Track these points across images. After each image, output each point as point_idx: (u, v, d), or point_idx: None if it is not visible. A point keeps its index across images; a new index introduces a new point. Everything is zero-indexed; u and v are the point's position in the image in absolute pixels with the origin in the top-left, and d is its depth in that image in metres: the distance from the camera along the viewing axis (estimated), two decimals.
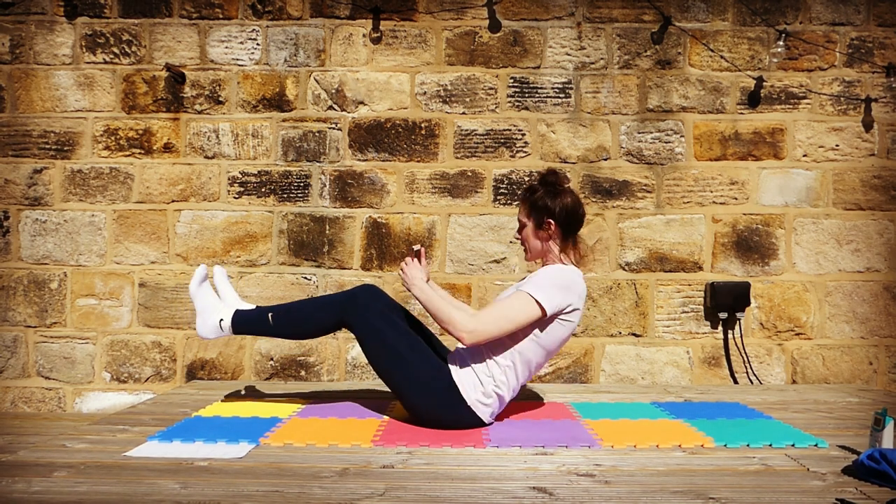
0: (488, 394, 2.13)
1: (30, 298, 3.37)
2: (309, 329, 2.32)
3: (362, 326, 2.20)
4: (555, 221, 2.18)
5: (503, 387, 2.14)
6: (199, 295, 2.32)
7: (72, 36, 3.41)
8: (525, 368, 2.16)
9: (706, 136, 3.37)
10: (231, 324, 2.28)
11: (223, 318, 2.29)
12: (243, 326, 2.30)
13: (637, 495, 1.56)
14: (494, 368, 2.13)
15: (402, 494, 1.56)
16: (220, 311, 2.30)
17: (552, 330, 2.13)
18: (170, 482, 1.62)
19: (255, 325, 2.30)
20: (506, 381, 2.14)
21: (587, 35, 3.38)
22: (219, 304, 2.32)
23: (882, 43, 3.38)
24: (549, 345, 2.16)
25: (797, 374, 3.35)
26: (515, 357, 2.13)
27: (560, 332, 2.15)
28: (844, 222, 3.37)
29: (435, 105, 3.38)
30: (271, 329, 2.29)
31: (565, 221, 2.19)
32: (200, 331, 2.31)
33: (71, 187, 3.39)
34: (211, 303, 2.31)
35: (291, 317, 2.29)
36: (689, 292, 3.35)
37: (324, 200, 3.37)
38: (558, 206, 2.17)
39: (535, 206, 2.21)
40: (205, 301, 2.31)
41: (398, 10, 3.38)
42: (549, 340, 2.15)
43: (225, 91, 3.39)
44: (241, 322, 2.29)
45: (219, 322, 2.29)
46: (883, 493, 1.56)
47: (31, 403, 3.37)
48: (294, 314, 2.30)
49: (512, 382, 2.16)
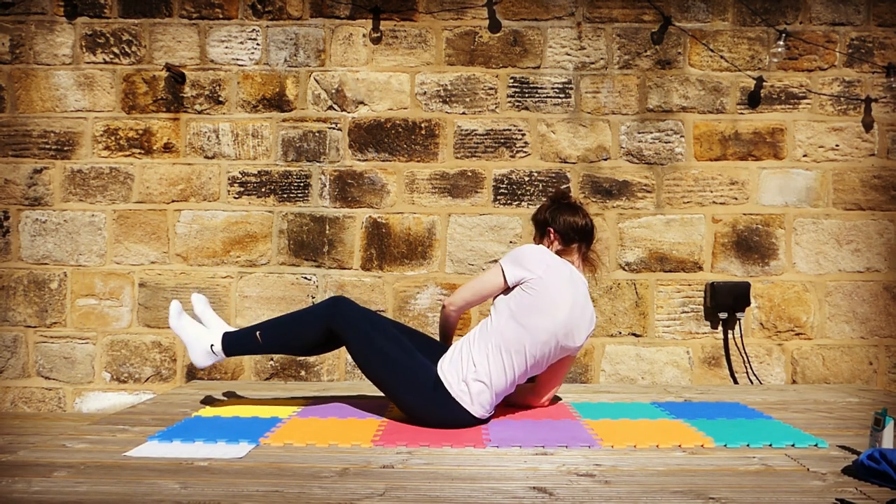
0: (469, 382, 2.13)
1: (30, 298, 3.37)
2: (298, 342, 2.33)
3: (349, 330, 2.21)
4: (553, 229, 2.34)
5: (484, 374, 2.13)
6: (181, 328, 2.34)
7: (72, 36, 3.41)
8: (510, 355, 2.14)
9: (706, 136, 3.38)
10: (222, 347, 2.30)
11: (213, 342, 2.30)
12: (234, 347, 2.31)
13: (637, 495, 1.56)
14: (475, 354, 2.15)
15: (402, 494, 1.56)
16: (208, 337, 2.32)
17: (522, 301, 2.17)
18: (170, 482, 1.62)
19: (245, 343, 2.31)
20: (488, 368, 2.13)
21: (587, 35, 3.38)
22: (205, 331, 2.34)
23: (882, 43, 3.38)
24: (524, 321, 2.15)
25: (797, 374, 3.35)
26: (493, 340, 2.15)
27: (529, 302, 2.16)
28: (844, 222, 3.37)
29: (435, 105, 3.38)
30: (261, 346, 2.31)
31: (564, 229, 2.33)
32: (195, 360, 2.33)
33: (71, 187, 3.39)
34: (196, 332, 2.33)
35: (279, 331, 2.31)
36: (689, 292, 3.35)
37: (324, 200, 3.37)
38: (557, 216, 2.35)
39: (538, 220, 2.42)
40: (189, 332, 2.33)
41: (398, 10, 3.38)
42: (522, 315, 2.15)
43: (225, 91, 3.39)
44: (231, 344, 2.31)
45: (210, 347, 2.30)
46: (883, 493, 1.56)
47: (31, 403, 3.37)
48: (281, 328, 2.32)
49: (496, 370, 2.14)
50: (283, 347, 2.37)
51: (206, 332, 2.33)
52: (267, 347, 2.32)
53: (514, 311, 2.17)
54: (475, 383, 2.14)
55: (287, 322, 2.33)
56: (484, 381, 2.14)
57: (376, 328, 2.21)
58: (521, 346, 2.16)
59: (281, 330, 2.32)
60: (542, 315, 2.17)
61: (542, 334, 2.17)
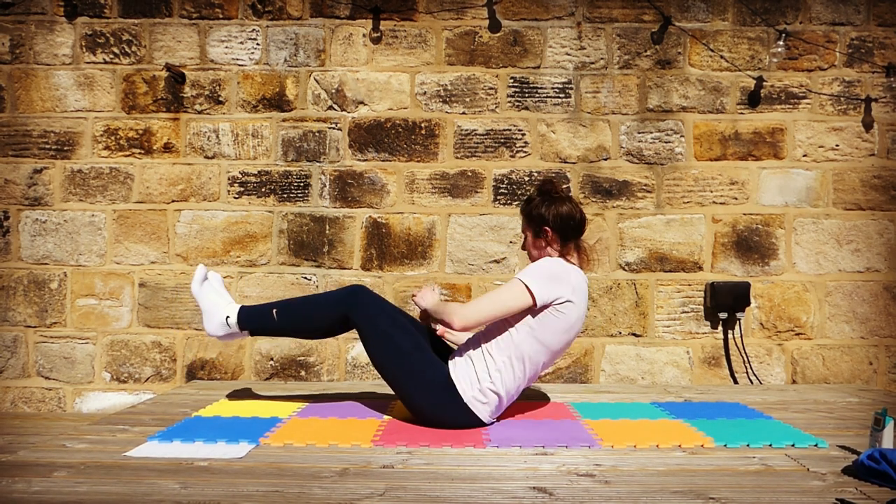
0: (485, 391, 2.13)
1: (30, 298, 3.37)
2: (312, 325, 2.32)
3: (365, 320, 2.21)
4: (551, 228, 2.23)
5: (500, 385, 2.13)
6: (202, 294, 2.33)
7: (72, 36, 3.41)
8: (523, 367, 2.14)
9: (706, 136, 3.38)
10: (237, 320, 2.28)
11: (229, 314, 2.29)
12: (249, 322, 2.30)
13: (637, 495, 1.56)
14: (491, 365, 2.13)
15: (402, 494, 1.56)
16: (225, 309, 2.30)
17: (546, 322, 2.11)
18: (170, 482, 1.62)
19: (260, 320, 2.29)
20: (502, 379, 2.13)
21: (587, 35, 3.38)
22: (223, 302, 2.32)
23: (882, 43, 3.38)
24: (547, 340, 2.13)
25: (797, 374, 3.35)
26: (512, 353, 2.12)
27: (555, 324, 2.12)
28: (844, 222, 3.37)
29: (435, 105, 3.38)
30: (276, 325, 2.29)
31: (561, 227, 2.23)
32: (208, 329, 2.31)
33: (71, 187, 3.39)
34: (215, 300, 2.32)
35: (296, 312, 2.30)
36: (689, 292, 3.35)
37: (324, 200, 3.37)
38: (552, 213, 2.22)
39: (531, 216, 2.27)
40: (209, 299, 2.32)
41: (398, 10, 3.38)
42: (546, 334, 2.12)
43: (225, 91, 3.39)
44: (247, 318, 2.29)
45: (225, 319, 2.29)
46: (883, 493, 1.56)
47: (31, 403, 3.37)
48: (298, 311, 2.31)
49: (509, 380, 2.14)
50: (296, 330, 2.36)
51: (223, 304, 2.31)
52: (281, 327, 2.30)
53: (536, 329, 2.12)
54: (492, 394, 2.14)
55: (304, 304, 2.34)
56: (500, 391, 2.14)
57: (393, 324, 2.20)
58: (538, 359, 2.16)
59: (298, 312, 2.31)
60: (566, 334, 2.17)
61: (561, 347, 2.19)
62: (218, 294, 2.34)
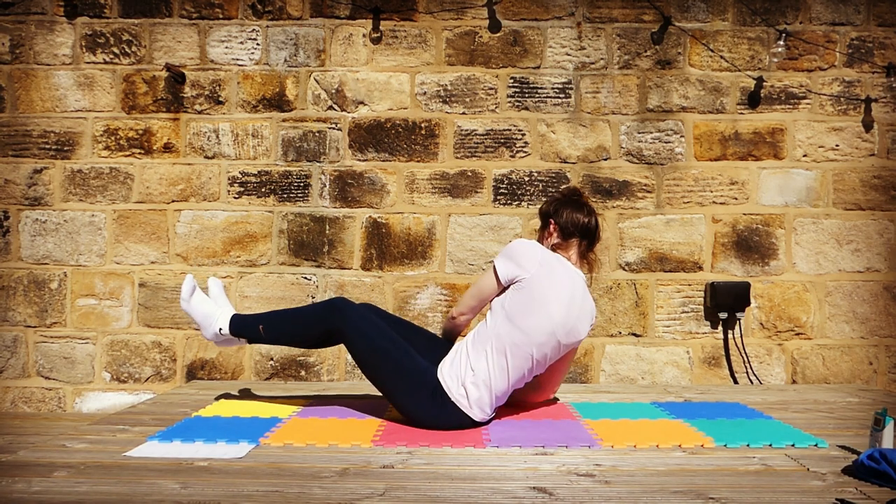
0: (467, 386, 2.12)
1: (30, 298, 3.37)
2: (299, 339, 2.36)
3: (348, 333, 2.21)
4: (554, 223, 2.32)
5: (481, 377, 2.11)
6: (191, 309, 2.36)
7: (72, 36, 3.41)
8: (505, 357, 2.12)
9: (706, 136, 3.38)
10: (230, 330, 2.31)
11: (221, 326, 2.32)
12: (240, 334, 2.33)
13: (637, 495, 1.56)
14: (473, 356, 2.14)
15: (402, 494, 1.56)
16: (217, 321, 2.33)
17: (516, 299, 2.14)
18: (170, 482, 1.62)
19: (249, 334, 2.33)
20: (484, 371, 2.11)
21: (587, 35, 3.38)
22: (217, 312, 2.34)
23: (882, 43, 3.38)
24: (520, 322, 2.11)
25: (797, 374, 3.35)
26: (492, 343, 2.13)
27: (520, 299, 2.13)
28: (844, 222, 3.37)
29: (435, 105, 3.38)
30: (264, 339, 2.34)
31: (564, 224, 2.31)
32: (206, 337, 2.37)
33: (71, 187, 3.39)
34: (207, 311, 2.34)
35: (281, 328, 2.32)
36: (689, 292, 3.35)
37: (324, 200, 3.37)
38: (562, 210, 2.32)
39: (544, 212, 2.39)
40: (200, 312, 2.35)
41: (398, 10, 3.38)
42: (516, 314, 2.12)
43: (225, 91, 3.39)
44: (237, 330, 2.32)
45: (218, 331, 2.33)
46: (883, 493, 1.56)
47: (31, 403, 3.37)
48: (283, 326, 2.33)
49: (491, 372, 2.11)
50: (286, 342, 2.39)
51: (215, 313, 2.34)
52: (270, 341, 2.35)
53: (509, 312, 2.14)
54: (473, 387, 2.12)
55: (289, 319, 2.34)
56: (482, 384, 2.12)
57: (375, 330, 2.19)
58: (520, 348, 2.13)
59: (283, 328, 2.32)
60: (537, 316, 2.13)
61: (539, 335, 2.14)
62: (210, 304, 2.36)
